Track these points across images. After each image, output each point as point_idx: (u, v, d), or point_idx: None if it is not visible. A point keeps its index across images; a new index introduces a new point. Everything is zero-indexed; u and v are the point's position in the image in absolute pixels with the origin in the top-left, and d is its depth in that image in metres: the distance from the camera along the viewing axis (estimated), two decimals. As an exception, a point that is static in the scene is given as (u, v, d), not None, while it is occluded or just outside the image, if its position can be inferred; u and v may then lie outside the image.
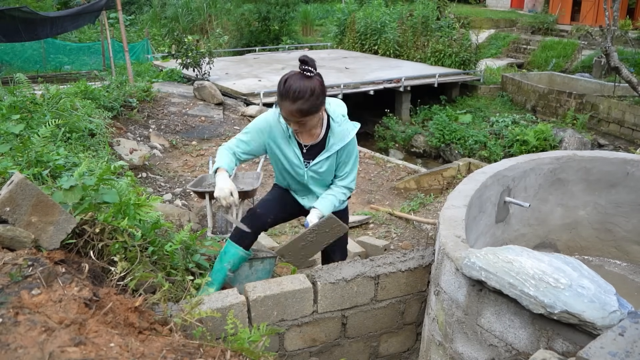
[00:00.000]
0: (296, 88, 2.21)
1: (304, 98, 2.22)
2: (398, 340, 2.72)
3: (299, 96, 2.21)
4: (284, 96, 2.23)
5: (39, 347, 1.11)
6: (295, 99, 2.21)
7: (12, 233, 1.63)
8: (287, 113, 2.27)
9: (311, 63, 2.27)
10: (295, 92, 2.21)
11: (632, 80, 10.02)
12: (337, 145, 2.50)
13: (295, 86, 2.21)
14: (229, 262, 2.62)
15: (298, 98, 2.21)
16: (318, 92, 2.26)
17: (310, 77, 2.26)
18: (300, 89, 2.21)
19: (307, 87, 2.22)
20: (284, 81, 2.25)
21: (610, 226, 3.31)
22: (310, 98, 2.23)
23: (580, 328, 1.60)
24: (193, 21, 20.64)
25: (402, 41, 15.97)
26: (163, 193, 6.07)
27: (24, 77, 6.19)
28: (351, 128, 2.53)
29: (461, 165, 6.85)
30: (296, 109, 2.23)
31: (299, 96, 2.21)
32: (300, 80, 2.23)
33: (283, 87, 2.23)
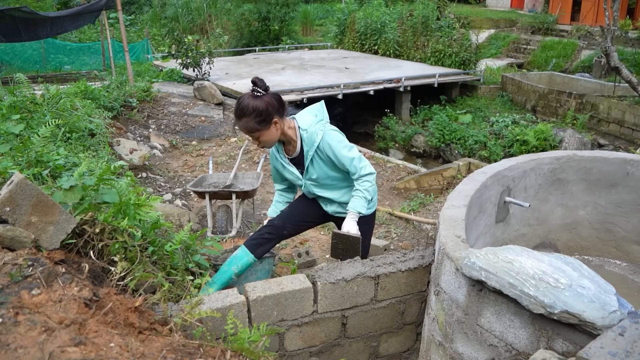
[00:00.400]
0: (241, 106, 2.47)
1: (247, 115, 2.46)
2: (398, 340, 2.72)
3: (243, 113, 2.47)
4: (234, 113, 2.54)
5: (39, 347, 1.11)
6: (240, 116, 2.48)
7: (12, 233, 1.63)
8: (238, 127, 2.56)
9: (260, 84, 2.51)
10: (239, 109, 2.48)
11: (632, 80, 10.03)
12: (310, 150, 2.66)
13: (242, 104, 2.47)
14: (237, 266, 2.72)
15: (243, 115, 2.47)
16: (262, 110, 2.47)
17: (259, 97, 2.49)
18: (244, 107, 2.46)
19: (251, 105, 2.46)
20: (238, 100, 2.53)
21: (610, 226, 3.31)
22: (253, 116, 2.46)
23: (580, 328, 1.60)
24: (193, 21, 20.65)
25: (402, 41, 15.97)
26: (163, 193, 6.07)
27: (24, 77, 6.19)
28: (319, 129, 2.65)
29: (461, 165, 6.85)
30: (241, 125, 2.50)
31: (243, 113, 2.47)
32: (247, 100, 2.48)
33: (235, 106, 2.52)
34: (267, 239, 2.79)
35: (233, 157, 7.59)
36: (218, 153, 7.83)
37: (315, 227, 4.86)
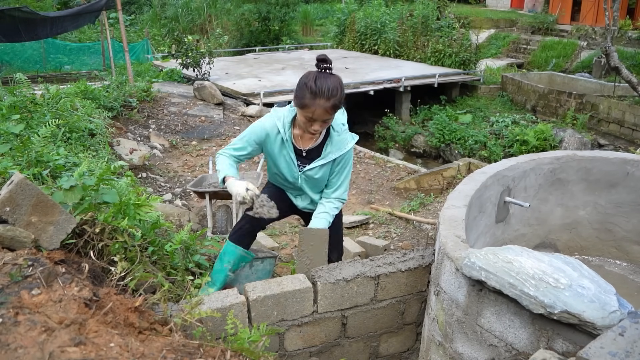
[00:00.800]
0: (329, 85, 2.26)
1: (336, 95, 2.28)
2: (398, 340, 2.72)
3: (332, 93, 2.26)
4: (318, 94, 2.25)
5: (39, 347, 1.11)
6: (330, 96, 2.26)
7: (12, 233, 1.63)
8: (321, 111, 2.28)
9: (329, 61, 2.34)
10: (329, 89, 2.25)
11: (632, 80, 10.02)
12: (333, 154, 2.54)
13: (327, 84, 2.26)
14: (229, 262, 2.63)
15: (332, 95, 2.26)
16: (343, 87, 2.34)
17: (333, 74, 2.33)
18: (332, 85, 2.27)
19: (336, 83, 2.29)
20: (313, 80, 2.28)
21: (610, 226, 3.31)
22: (340, 93, 2.31)
23: (580, 328, 1.60)
24: (193, 21, 20.65)
25: (402, 41, 15.97)
26: (163, 193, 6.07)
27: (24, 77, 6.19)
28: (350, 139, 2.57)
29: (461, 165, 6.85)
30: (331, 105, 2.28)
31: (332, 93, 2.26)
32: (328, 78, 2.28)
33: (315, 86, 2.25)
34: (248, 230, 2.69)
35: (233, 157, 7.57)
36: (218, 153, 7.82)
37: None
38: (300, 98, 2.30)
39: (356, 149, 8.18)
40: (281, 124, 2.49)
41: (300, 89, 2.31)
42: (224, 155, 2.61)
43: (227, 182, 2.50)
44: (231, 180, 2.49)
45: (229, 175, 2.52)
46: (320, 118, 2.31)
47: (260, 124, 2.54)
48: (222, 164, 2.59)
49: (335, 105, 2.30)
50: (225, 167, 2.56)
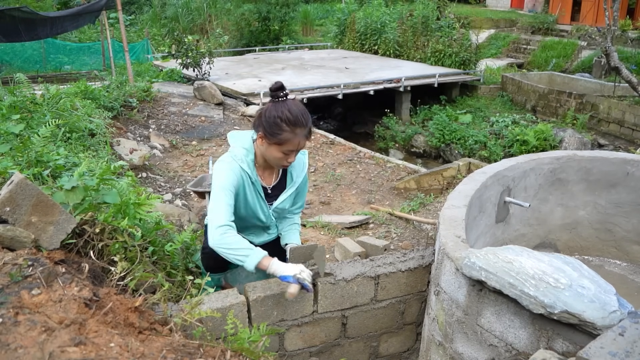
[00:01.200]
0: (301, 111, 2.14)
1: (309, 118, 2.18)
2: (398, 340, 2.72)
3: (306, 117, 2.16)
4: (297, 124, 2.11)
5: (39, 347, 1.11)
6: (307, 121, 2.16)
7: (12, 233, 1.63)
8: (303, 140, 2.16)
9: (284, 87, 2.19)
10: (304, 115, 2.14)
11: (632, 80, 10.02)
12: (299, 177, 2.41)
13: (300, 110, 2.14)
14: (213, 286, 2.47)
15: (308, 119, 2.17)
16: None
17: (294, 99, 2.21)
18: (302, 110, 2.16)
19: (302, 106, 2.19)
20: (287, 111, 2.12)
21: (610, 226, 3.31)
22: (309, 116, 2.20)
23: (580, 328, 1.60)
24: (193, 21, 20.64)
25: (402, 41, 15.96)
26: (163, 193, 6.07)
27: (24, 77, 6.19)
28: (301, 156, 2.43)
29: (461, 165, 6.85)
30: (308, 130, 2.17)
31: (306, 117, 2.16)
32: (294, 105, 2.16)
33: (292, 117, 2.11)
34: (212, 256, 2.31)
35: (233, 157, 7.58)
36: (218, 153, 7.83)
37: (316, 227, 4.88)
38: (277, 135, 2.12)
39: (356, 149, 8.19)
40: (246, 166, 2.24)
41: (273, 125, 2.12)
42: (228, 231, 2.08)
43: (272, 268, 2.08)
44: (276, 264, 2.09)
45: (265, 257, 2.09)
46: (298, 148, 2.18)
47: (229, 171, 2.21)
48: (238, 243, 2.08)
49: (311, 130, 2.20)
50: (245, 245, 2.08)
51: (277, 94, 2.16)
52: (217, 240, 2.05)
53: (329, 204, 6.16)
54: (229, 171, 2.19)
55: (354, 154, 7.99)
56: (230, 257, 2.06)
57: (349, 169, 7.34)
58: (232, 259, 2.06)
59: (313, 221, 5.05)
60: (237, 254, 2.05)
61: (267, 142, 2.16)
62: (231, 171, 2.20)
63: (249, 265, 2.05)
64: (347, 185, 6.70)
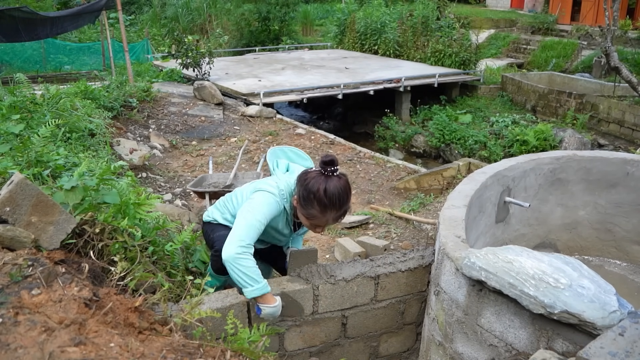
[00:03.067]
0: (340, 193, 2.12)
1: (347, 201, 2.18)
2: (398, 340, 2.72)
3: (344, 201, 2.15)
4: (328, 207, 2.12)
5: (39, 347, 1.11)
6: (341, 205, 2.15)
7: (12, 233, 1.63)
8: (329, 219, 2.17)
9: (336, 162, 2.17)
10: (341, 198, 2.13)
11: (632, 80, 10.02)
12: None
13: (338, 192, 2.12)
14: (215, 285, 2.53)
15: (343, 203, 2.16)
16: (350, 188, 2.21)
17: (340, 177, 2.16)
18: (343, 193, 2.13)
19: (345, 188, 2.16)
20: (322, 191, 2.10)
21: (610, 226, 3.31)
22: (349, 197, 2.19)
23: (580, 328, 1.60)
24: (193, 21, 20.64)
25: (402, 41, 15.96)
26: (163, 193, 6.07)
27: (24, 77, 6.19)
28: None
29: (461, 165, 6.85)
30: (341, 214, 2.19)
31: (344, 201, 2.15)
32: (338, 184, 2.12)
33: (326, 198, 2.09)
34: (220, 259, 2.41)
35: (233, 157, 7.59)
36: (218, 153, 7.83)
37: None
38: (308, 208, 2.14)
39: (356, 149, 8.19)
40: (288, 206, 2.29)
41: (307, 199, 2.13)
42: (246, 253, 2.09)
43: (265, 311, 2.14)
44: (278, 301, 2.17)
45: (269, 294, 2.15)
46: (329, 224, 2.22)
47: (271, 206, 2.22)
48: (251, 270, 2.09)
49: (345, 212, 2.20)
50: (257, 275, 2.10)
51: (325, 168, 2.13)
52: (233, 256, 2.04)
53: (329, 204, 6.15)
54: (271, 206, 2.21)
55: (354, 154, 7.99)
56: (236, 276, 2.06)
57: (349, 169, 7.34)
58: (237, 279, 2.06)
59: (313, 221, 5.05)
60: (245, 278, 2.06)
61: (300, 210, 2.20)
62: (273, 205, 2.21)
63: (248, 294, 2.08)
64: (347, 185, 6.68)
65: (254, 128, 9.01)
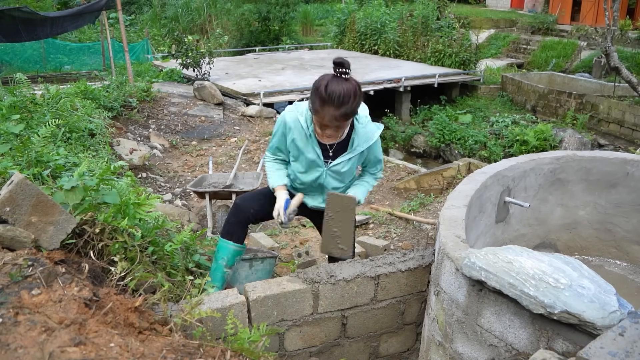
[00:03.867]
0: (340, 92, 2.16)
1: (348, 103, 2.18)
2: (398, 340, 2.72)
3: (343, 101, 2.17)
4: (326, 101, 2.17)
5: (39, 347, 1.11)
6: (340, 104, 2.17)
7: (12, 233, 1.63)
8: (329, 118, 2.21)
9: (347, 65, 2.22)
10: (340, 96, 2.16)
11: (632, 80, 10.02)
12: (361, 146, 2.51)
13: (338, 90, 2.16)
14: (223, 258, 2.60)
15: (343, 103, 2.17)
16: (358, 94, 2.23)
17: (348, 80, 2.21)
18: (344, 93, 2.16)
19: (349, 90, 2.18)
20: (324, 86, 2.18)
21: (610, 226, 3.31)
22: (353, 101, 2.20)
23: (580, 328, 1.60)
24: (193, 21, 20.64)
25: (402, 41, 15.96)
26: (163, 193, 6.07)
27: (24, 77, 6.19)
28: (375, 129, 2.56)
29: (461, 165, 6.85)
30: (340, 113, 2.19)
31: (343, 101, 2.17)
32: (341, 84, 2.18)
33: (325, 93, 2.16)
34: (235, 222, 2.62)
35: (233, 157, 7.59)
36: (218, 153, 7.83)
37: (315, 227, 4.87)
38: (312, 102, 2.25)
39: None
40: (303, 119, 2.40)
41: (313, 93, 2.23)
42: (269, 160, 2.65)
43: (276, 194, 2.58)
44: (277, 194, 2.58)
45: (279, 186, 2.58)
46: (330, 125, 2.25)
47: (282, 117, 2.48)
48: (270, 170, 2.63)
49: (346, 114, 2.22)
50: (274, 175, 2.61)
51: (335, 68, 2.22)
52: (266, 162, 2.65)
53: (329, 204, 6.15)
54: (279, 122, 2.50)
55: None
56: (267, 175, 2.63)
57: (349, 169, 7.33)
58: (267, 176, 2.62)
59: (313, 221, 5.05)
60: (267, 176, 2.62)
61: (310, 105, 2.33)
62: (281, 122, 2.49)
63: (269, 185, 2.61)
64: (347, 185, 6.69)
65: (254, 128, 9.01)
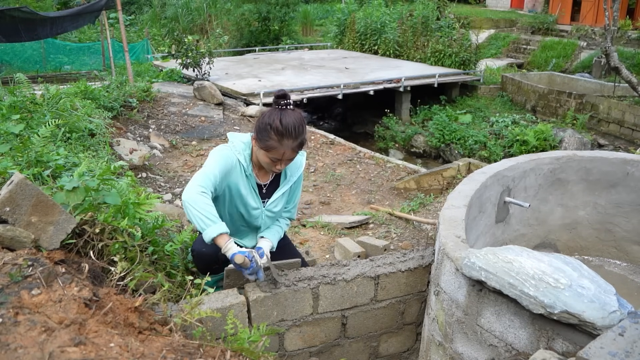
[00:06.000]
0: (294, 123, 2.17)
1: (303, 132, 2.21)
2: (398, 340, 2.72)
3: (299, 131, 2.19)
4: (284, 135, 2.16)
5: (39, 347, 1.11)
6: (297, 134, 2.19)
7: (12, 233, 1.63)
8: (289, 152, 2.20)
9: (288, 96, 2.24)
10: (295, 127, 2.17)
11: (632, 80, 10.02)
12: (294, 176, 2.45)
13: (292, 122, 2.17)
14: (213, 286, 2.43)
15: (299, 133, 2.19)
16: (305, 122, 2.26)
17: (294, 110, 2.23)
18: (297, 123, 2.19)
19: (300, 119, 2.22)
20: (278, 120, 2.16)
21: (610, 226, 3.31)
22: (304, 130, 2.23)
23: (580, 328, 1.60)
24: (193, 21, 20.64)
25: (402, 41, 15.96)
26: (163, 193, 6.07)
27: (24, 77, 6.19)
28: (300, 157, 2.46)
29: (461, 165, 6.85)
30: (297, 144, 2.21)
31: (299, 131, 2.19)
32: (292, 116, 2.19)
33: (282, 126, 2.15)
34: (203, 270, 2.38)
35: (233, 157, 7.58)
36: (218, 153, 7.81)
37: (316, 227, 4.88)
38: (265, 140, 2.18)
39: (356, 149, 8.19)
40: (242, 159, 2.30)
41: (263, 131, 2.19)
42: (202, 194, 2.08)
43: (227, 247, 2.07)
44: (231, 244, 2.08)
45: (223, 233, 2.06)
46: (287, 157, 2.23)
47: (223, 155, 2.27)
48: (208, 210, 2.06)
49: (302, 143, 2.23)
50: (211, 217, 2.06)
51: (278, 102, 2.22)
52: (192, 196, 2.06)
53: (328, 204, 6.15)
54: (223, 158, 2.25)
55: (354, 154, 7.99)
56: (193, 217, 2.05)
57: (349, 169, 7.34)
58: (194, 220, 2.06)
59: (313, 221, 5.05)
60: (202, 218, 2.04)
61: (257, 144, 2.24)
62: (225, 158, 2.26)
63: (206, 236, 2.06)
64: (347, 185, 6.70)
65: (254, 128, 9.00)
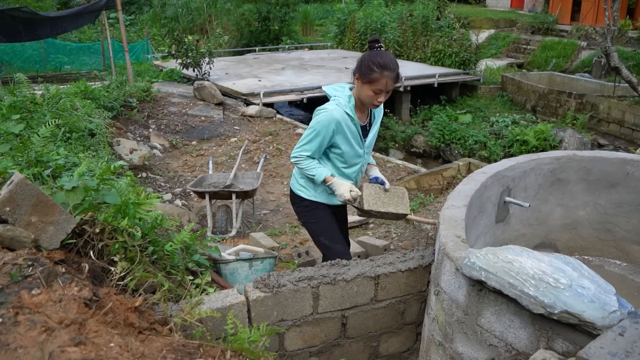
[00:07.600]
0: (391, 58, 2.58)
1: (397, 66, 2.59)
2: (398, 340, 2.72)
3: (395, 64, 2.57)
4: (384, 67, 2.53)
5: (39, 347, 1.11)
6: (395, 67, 2.56)
7: (12, 233, 1.63)
8: (390, 82, 2.56)
9: (380, 40, 2.69)
10: (392, 61, 2.56)
11: (632, 80, 10.02)
12: (379, 116, 2.89)
13: (389, 57, 2.57)
14: None
15: (396, 66, 2.57)
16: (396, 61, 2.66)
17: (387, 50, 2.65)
18: (393, 58, 2.59)
19: (393, 56, 2.63)
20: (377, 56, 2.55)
21: (610, 226, 3.31)
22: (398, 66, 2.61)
23: (580, 328, 1.60)
24: (193, 21, 20.64)
25: (402, 41, 15.95)
26: (163, 193, 6.07)
27: (24, 77, 6.19)
28: None
29: (461, 165, 6.84)
30: (396, 74, 2.57)
31: (395, 64, 2.57)
32: (386, 53, 2.61)
33: (382, 60, 2.54)
34: None
35: (233, 157, 7.59)
36: (218, 153, 7.83)
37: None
38: (369, 74, 2.55)
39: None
40: (349, 110, 2.68)
41: (366, 67, 2.57)
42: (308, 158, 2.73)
43: (332, 182, 2.70)
44: (336, 180, 2.71)
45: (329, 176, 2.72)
46: (389, 88, 2.58)
47: (330, 117, 2.65)
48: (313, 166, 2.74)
49: (398, 75, 2.60)
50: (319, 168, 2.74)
51: (373, 45, 2.65)
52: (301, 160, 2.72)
53: (329, 204, 6.15)
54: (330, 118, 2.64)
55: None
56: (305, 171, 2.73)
57: (349, 169, 7.32)
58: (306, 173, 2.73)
59: (313, 221, 5.04)
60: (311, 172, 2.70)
61: (361, 81, 2.62)
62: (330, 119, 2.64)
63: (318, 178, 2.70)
64: (347, 185, 6.68)
65: (254, 128, 9.01)
